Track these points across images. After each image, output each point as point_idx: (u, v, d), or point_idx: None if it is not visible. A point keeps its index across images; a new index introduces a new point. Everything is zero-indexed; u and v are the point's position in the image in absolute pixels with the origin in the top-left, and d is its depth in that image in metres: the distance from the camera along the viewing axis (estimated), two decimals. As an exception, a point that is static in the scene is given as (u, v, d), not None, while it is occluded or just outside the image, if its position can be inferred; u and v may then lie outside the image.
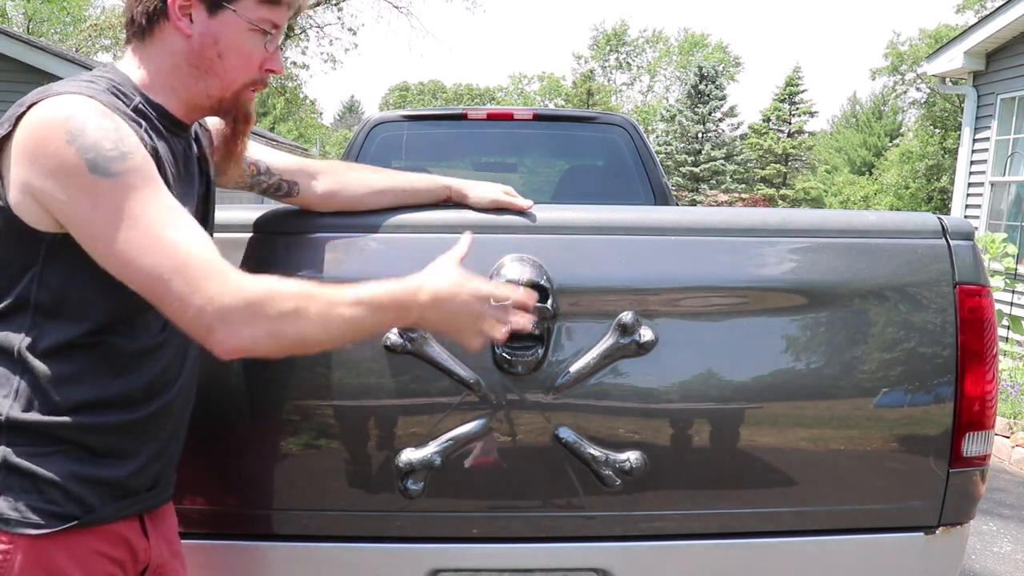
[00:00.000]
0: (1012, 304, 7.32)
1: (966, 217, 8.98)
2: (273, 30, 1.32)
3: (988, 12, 8.74)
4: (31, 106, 1.15)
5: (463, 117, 4.05)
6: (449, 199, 1.68)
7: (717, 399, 1.61)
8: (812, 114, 34.82)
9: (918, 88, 35.48)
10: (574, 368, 1.57)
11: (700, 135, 34.16)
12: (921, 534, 1.68)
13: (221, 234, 1.55)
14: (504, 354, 1.54)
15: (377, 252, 1.60)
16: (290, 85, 24.62)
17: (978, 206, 9.07)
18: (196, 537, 1.60)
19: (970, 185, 9.33)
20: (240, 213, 1.62)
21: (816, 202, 34.18)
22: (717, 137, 34.35)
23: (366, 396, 1.59)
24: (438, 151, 4.33)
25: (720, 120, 35.05)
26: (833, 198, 35.39)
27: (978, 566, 3.66)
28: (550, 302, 1.53)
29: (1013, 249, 6.40)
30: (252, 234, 1.60)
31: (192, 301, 1.12)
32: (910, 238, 1.66)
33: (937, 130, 29.05)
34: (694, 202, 31.25)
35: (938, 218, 1.70)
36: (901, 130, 38.46)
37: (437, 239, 1.60)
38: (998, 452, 5.28)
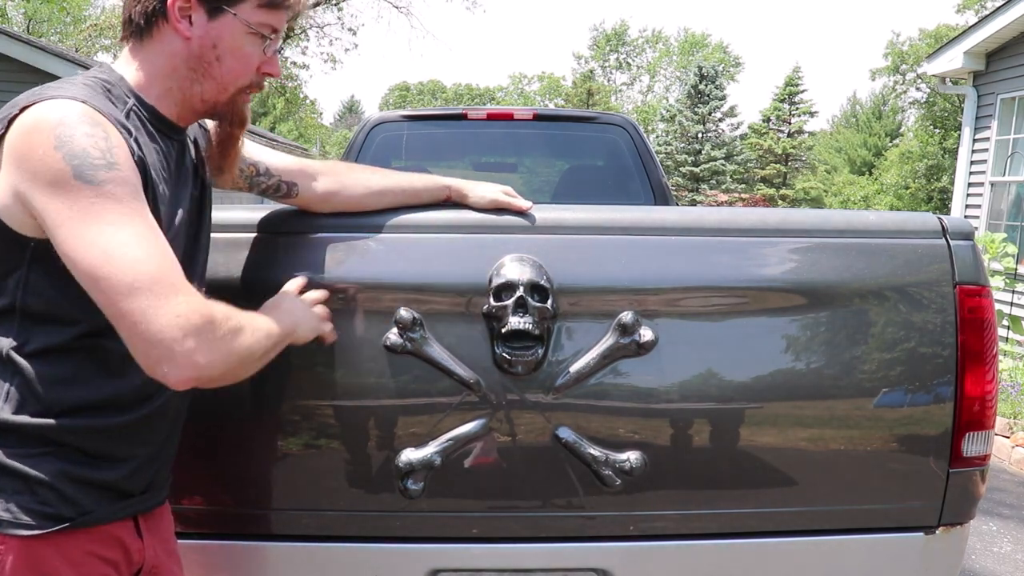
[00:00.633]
0: (1012, 304, 7.31)
1: (966, 217, 8.98)
2: (272, 34, 1.32)
3: (988, 12, 8.73)
4: (23, 109, 1.15)
5: (463, 117, 4.05)
6: (449, 199, 1.68)
7: (717, 399, 1.61)
8: (812, 114, 34.79)
9: (918, 88, 35.45)
10: (574, 368, 1.57)
11: (700, 135, 34.14)
12: (921, 534, 1.68)
13: (221, 234, 1.55)
14: (504, 354, 1.54)
15: (377, 252, 1.60)
16: (290, 85, 24.63)
17: (978, 206, 9.06)
18: (194, 537, 1.60)
19: (970, 185, 9.32)
20: (241, 213, 1.62)
21: (816, 202, 34.16)
22: (717, 137, 34.32)
23: (366, 396, 1.59)
24: (438, 151, 4.33)
25: (720, 120, 35.02)
26: (833, 198, 35.38)
27: (978, 566, 3.66)
28: (550, 302, 1.53)
29: (1013, 249, 6.40)
30: (253, 234, 1.60)
31: (155, 318, 1.10)
32: (910, 238, 1.66)
33: (937, 130, 29.04)
34: (694, 202, 31.23)
35: (938, 218, 1.69)
36: (901, 130, 38.44)
37: (437, 239, 1.61)
38: (998, 452, 5.28)
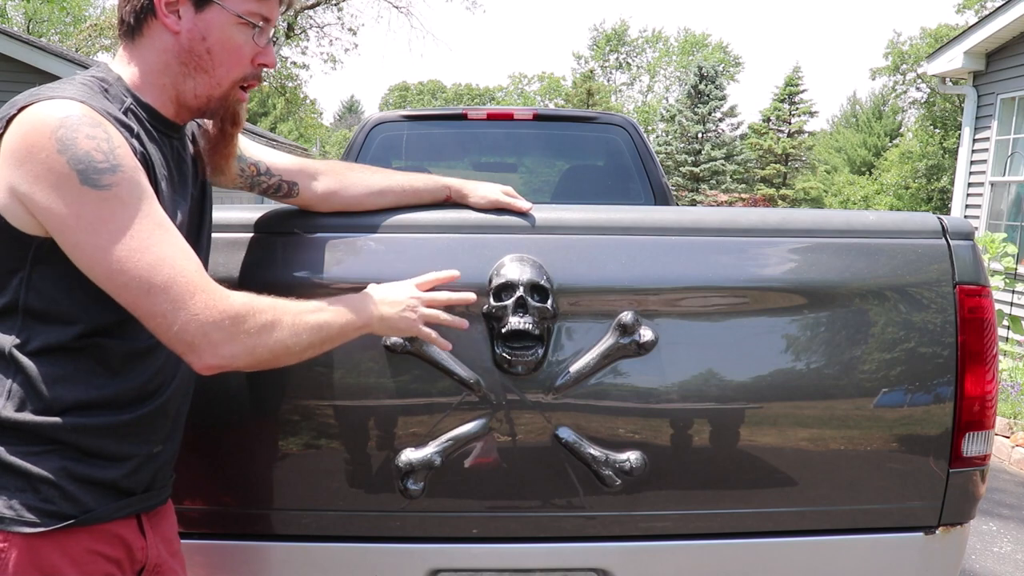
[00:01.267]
0: (1012, 304, 7.32)
1: (966, 217, 8.98)
2: (263, 23, 1.30)
3: (988, 12, 8.73)
4: (22, 109, 1.15)
5: (463, 117, 4.05)
6: (449, 199, 1.68)
7: (717, 399, 1.61)
8: (812, 114, 34.74)
9: (918, 88, 35.46)
10: (574, 368, 1.57)
11: (700, 135, 34.11)
12: (921, 534, 1.69)
13: (221, 234, 1.55)
14: (504, 354, 1.54)
15: (377, 252, 1.60)
16: (290, 85, 24.65)
17: (978, 206, 9.06)
18: (196, 537, 1.60)
19: (970, 185, 9.32)
20: (241, 213, 1.62)
21: (816, 202, 34.15)
22: (717, 137, 34.28)
23: (366, 396, 1.59)
24: (438, 151, 4.33)
25: (720, 120, 34.98)
26: (833, 198, 35.38)
27: (978, 566, 3.66)
28: (550, 302, 1.53)
29: (1013, 249, 6.39)
30: (253, 234, 1.60)
31: (175, 319, 1.15)
32: (910, 238, 1.66)
33: (937, 130, 29.04)
34: (694, 202, 31.21)
35: (938, 218, 1.69)
36: (901, 130, 38.44)
37: (437, 239, 1.61)
38: (998, 452, 5.28)
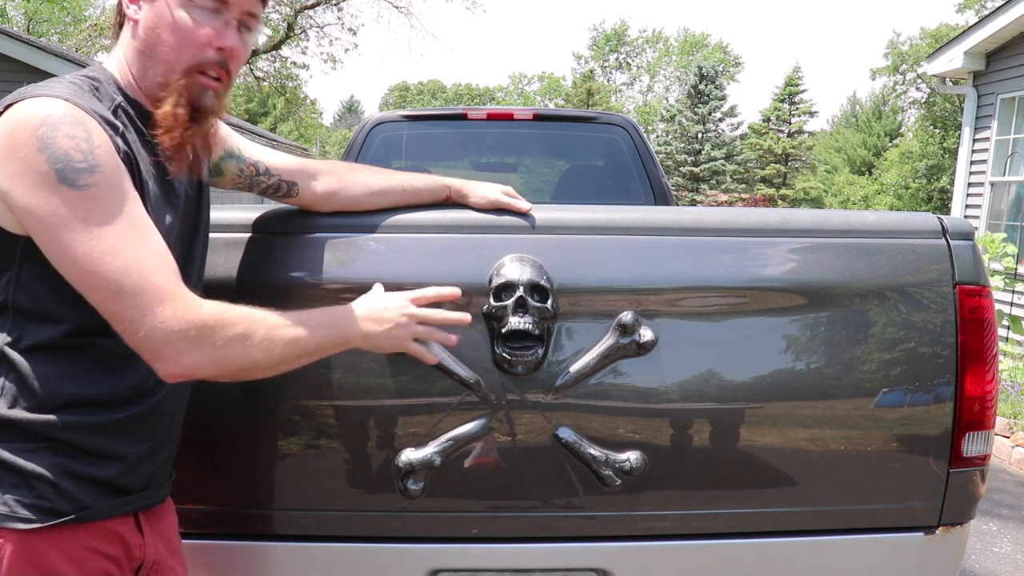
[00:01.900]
0: (1012, 304, 7.32)
1: (966, 217, 8.98)
2: (216, 4, 1.26)
3: (988, 12, 8.73)
4: (8, 107, 1.15)
5: (463, 117, 4.05)
6: (449, 199, 1.68)
7: (717, 399, 1.61)
8: (812, 114, 34.76)
9: (918, 88, 35.44)
10: (574, 368, 1.57)
11: (700, 135, 34.12)
12: (921, 534, 1.68)
13: (220, 234, 1.55)
14: (504, 354, 1.54)
15: (377, 252, 1.60)
16: (290, 85, 24.63)
17: (978, 206, 9.06)
18: (196, 537, 1.60)
19: (970, 185, 9.32)
20: (240, 213, 1.62)
21: (816, 202, 34.16)
22: (717, 137, 34.29)
23: (366, 396, 1.59)
24: (438, 151, 4.33)
25: (720, 120, 34.99)
26: (833, 198, 35.39)
27: (978, 566, 3.66)
28: (550, 302, 1.53)
29: (1013, 249, 6.39)
30: (251, 234, 1.60)
31: (141, 324, 1.15)
32: (910, 238, 1.66)
33: (937, 130, 29.04)
34: (694, 202, 31.21)
35: (938, 218, 1.69)
36: (901, 130, 38.44)
37: (437, 239, 1.61)
38: (998, 452, 5.28)
